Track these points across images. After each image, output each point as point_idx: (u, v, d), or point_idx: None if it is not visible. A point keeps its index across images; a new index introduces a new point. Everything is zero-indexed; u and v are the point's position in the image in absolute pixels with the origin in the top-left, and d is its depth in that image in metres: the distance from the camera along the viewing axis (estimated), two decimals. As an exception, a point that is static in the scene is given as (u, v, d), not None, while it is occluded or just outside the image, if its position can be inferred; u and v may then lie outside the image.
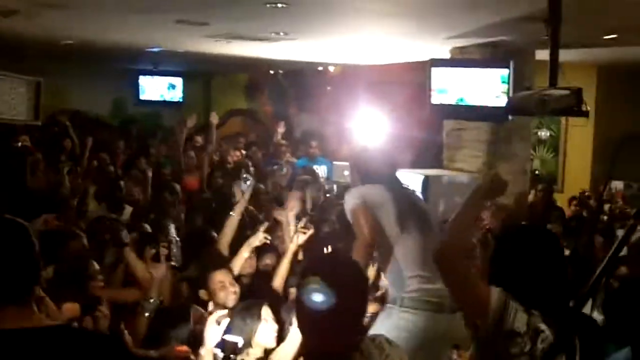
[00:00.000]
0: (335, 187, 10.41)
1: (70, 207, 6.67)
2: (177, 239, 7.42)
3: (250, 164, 11.37)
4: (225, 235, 6.38)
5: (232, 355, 3.08)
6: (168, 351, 3.91)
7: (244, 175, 6.84)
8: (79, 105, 15.40)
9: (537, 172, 11.81)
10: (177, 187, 8.94)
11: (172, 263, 6.49)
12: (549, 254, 3.13)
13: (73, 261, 5.03)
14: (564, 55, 6.51)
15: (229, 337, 3.17)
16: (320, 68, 14.37)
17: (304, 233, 6.02)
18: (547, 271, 3.08)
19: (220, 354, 3.32)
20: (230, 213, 6.50)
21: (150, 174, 9.14)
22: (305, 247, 6.06)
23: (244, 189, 6.70)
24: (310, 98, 16.07)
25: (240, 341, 3.19)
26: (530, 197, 9.97)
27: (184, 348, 3.98)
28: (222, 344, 3.13)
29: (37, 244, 2.21)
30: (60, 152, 10.34)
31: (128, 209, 8.21)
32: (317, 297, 2.79)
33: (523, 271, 3.08)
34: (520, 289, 3.05)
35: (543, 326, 2.96)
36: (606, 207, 9.29)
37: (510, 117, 8.16)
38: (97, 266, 5.08)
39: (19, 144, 9.90)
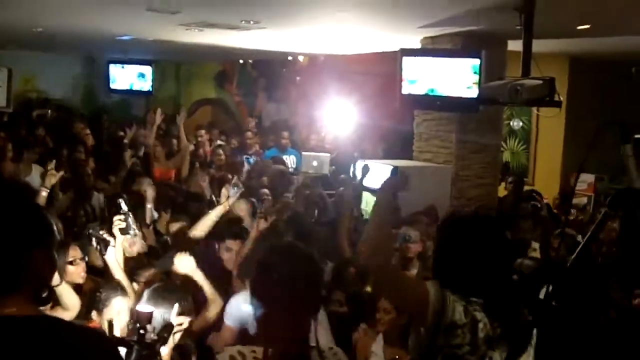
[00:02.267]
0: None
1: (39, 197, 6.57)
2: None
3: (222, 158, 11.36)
4: (196, 230, 6.35)
5: (147, 326, 3.02)
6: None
7: (234, 182, 6.82)
8: (50, 93, 15.24)
9: (507, 163, 11.84)
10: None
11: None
12: (487, 241, 3.12)
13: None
14: (536, 45, 6.51)
15: (142, 308, 3.10)
16: (290, 58, 14.30)
17: (266, 220, 5.99)
18: (486, 258, 3.07)
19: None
20: (210, 212, 6.53)
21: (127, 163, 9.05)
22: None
23: (231, 194, 6.66)
24: (280, 88, 16.02)
25: (153, 310, 3.13)
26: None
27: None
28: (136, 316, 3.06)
29: None
30: (30, 142, 10.17)
31: (96, 197, 8.14)
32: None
33: (462, 260, 3.08)
34: (461, 278, 3.06)
35: (480, 315, 2.97)
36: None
37: (481, 107, 8.14)
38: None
39: None
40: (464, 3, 6.81)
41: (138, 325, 3.02)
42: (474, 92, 7.93)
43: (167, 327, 3.24)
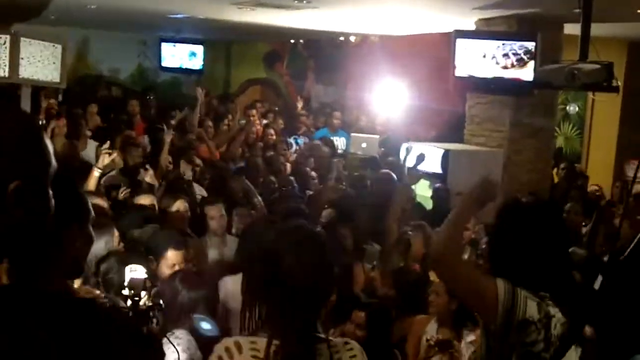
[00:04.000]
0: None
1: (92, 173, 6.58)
2: None
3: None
4: None
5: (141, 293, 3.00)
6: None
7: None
8: (102, 71, 15.40)
9: (560, 149, 11.66)
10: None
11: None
12: (549, 230, 2.97)
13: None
14: (594, 29, 6.37)
15: (135, 274, 3.07)
16: (341, 38, 14.22)
17: None
18: (550, 248, 2.93)
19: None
20: None
21: (169, 139, 9.05)
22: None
23: None
24: (330, 69, 15.95)
25: (146, 276, 3.10)
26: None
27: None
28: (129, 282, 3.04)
29: None
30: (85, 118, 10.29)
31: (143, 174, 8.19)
32: (205, 326, 2.75)
33: (524, 250, 2.92)
34: (524, 271, 2.90)
35: (553, 310, 2.83)
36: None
37: (536, 92, 8.02)
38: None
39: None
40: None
41: (133, 292, 2.99)
42: (528, 75, 7.81)
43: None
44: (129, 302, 2.97)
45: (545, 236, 2.95)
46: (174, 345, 3.50)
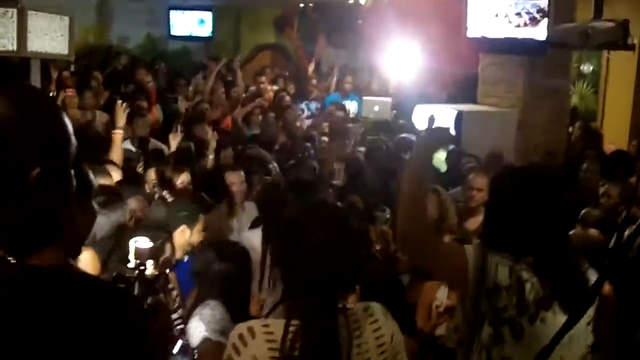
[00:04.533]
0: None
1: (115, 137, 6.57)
2: None
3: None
4: None
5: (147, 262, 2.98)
6: None
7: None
8: (111, 41, 15.33)
9: (575, 108, 11.53)
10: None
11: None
12: (537, 197, 2.91)
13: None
14: (609, -15, 6.27)
15: (140, 244, 3.05)
16: (351, 1, 14.07)
17: None
18: (536, 215, 2.87)
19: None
20: None
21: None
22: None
23: None
24: (340, 32, 15.81)
25: (151, 245, 3.08)
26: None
27: None
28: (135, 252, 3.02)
29: None
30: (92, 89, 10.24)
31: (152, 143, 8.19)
32: None
33: (510, 216, 2.89)
34: (509, 236, 2.87)
35: (526, 275, 2.79)
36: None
37: (549, 51, 7.91)
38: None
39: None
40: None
41: (138, 261, 2.97)
42: (542, 34, 7.70)
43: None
44: (136, 272, 2.95)
45: (533, 202, 2.90)
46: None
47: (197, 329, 3.63)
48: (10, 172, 1.50)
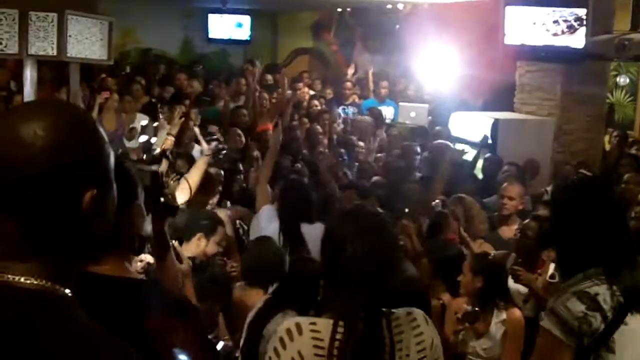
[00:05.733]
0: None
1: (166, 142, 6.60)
2: None
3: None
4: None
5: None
6: None
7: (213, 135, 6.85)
8: (150, 44, 15.46)
9: (612, 116, 11.43)
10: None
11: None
12: (601, 205, 2.97)
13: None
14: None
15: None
16: (389, 6, 14.07)
17: None
18: (603, 222, 2.91)
19: None
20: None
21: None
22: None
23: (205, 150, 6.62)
24: (378, 37, 15.81)
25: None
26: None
27: None
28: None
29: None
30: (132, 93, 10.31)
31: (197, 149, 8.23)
32: None
33: (578, 228, 2.93)
34: (580, 247, 2.91)
35: (594, 290, 2.82)
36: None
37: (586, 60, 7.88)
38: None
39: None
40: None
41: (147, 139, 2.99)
42: (579, 43, 7.67)
43: None
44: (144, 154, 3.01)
45: (599, 210, 2.93)
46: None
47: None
48: (64, 200, 1.37)
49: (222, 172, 6.46)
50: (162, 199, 3.00)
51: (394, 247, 2.70)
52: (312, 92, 12.97)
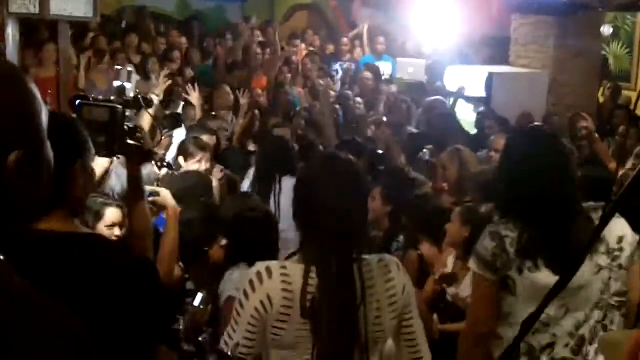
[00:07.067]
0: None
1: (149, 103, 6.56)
2: None
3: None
4: None
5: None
6: None
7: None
8: (145, 2, 15.32)
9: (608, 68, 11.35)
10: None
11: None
12: (540, 156, 3.03)
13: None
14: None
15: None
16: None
17: None
18: (540, 176, 2.98)
19: None
20: None
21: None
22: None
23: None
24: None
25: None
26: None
27: None
28: None
29: None
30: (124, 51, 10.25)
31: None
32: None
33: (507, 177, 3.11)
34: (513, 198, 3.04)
35: (505, 231, 2.95)
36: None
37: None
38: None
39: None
40: None
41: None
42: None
43: None
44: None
45: (535, 161, 3.00)
46: None
47: (225, 292, 3.69)
48: None
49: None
50: (129, 141, 2.92)
51: (365, 193, 2.71)
52: (311, 49, 12.87)
